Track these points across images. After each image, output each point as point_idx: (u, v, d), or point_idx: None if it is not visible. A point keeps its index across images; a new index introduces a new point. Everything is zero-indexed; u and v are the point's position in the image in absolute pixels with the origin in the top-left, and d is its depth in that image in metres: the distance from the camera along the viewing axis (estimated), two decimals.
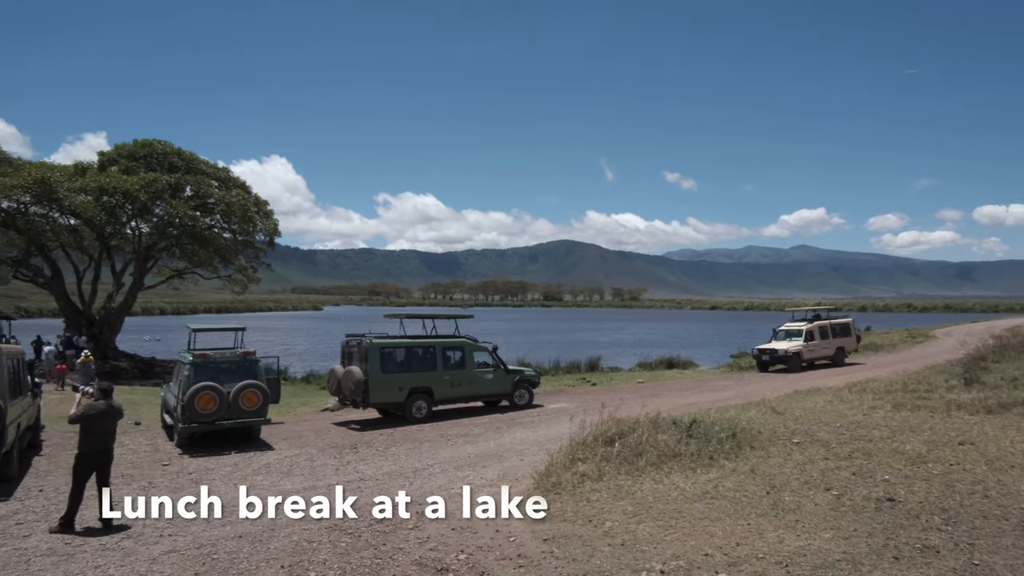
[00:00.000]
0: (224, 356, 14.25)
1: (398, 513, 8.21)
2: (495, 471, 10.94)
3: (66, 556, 7.04)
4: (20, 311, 57.86)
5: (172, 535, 7.70)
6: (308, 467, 11.63)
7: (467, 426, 15.95)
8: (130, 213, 28.86)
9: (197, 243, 29.91)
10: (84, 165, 30.88)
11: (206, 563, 6.72)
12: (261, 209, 32.58)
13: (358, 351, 16.85)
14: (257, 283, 36.94)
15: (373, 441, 14.15)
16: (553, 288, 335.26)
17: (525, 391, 19.09)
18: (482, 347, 18.60)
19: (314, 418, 17.99)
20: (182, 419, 13.12)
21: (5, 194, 25.76)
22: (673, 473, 8.94)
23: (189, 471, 11.37)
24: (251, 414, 13.56)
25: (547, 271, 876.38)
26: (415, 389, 16.85)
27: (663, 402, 18.17)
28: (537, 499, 8.38)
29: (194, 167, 31.40)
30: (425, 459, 12.17)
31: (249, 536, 7.55)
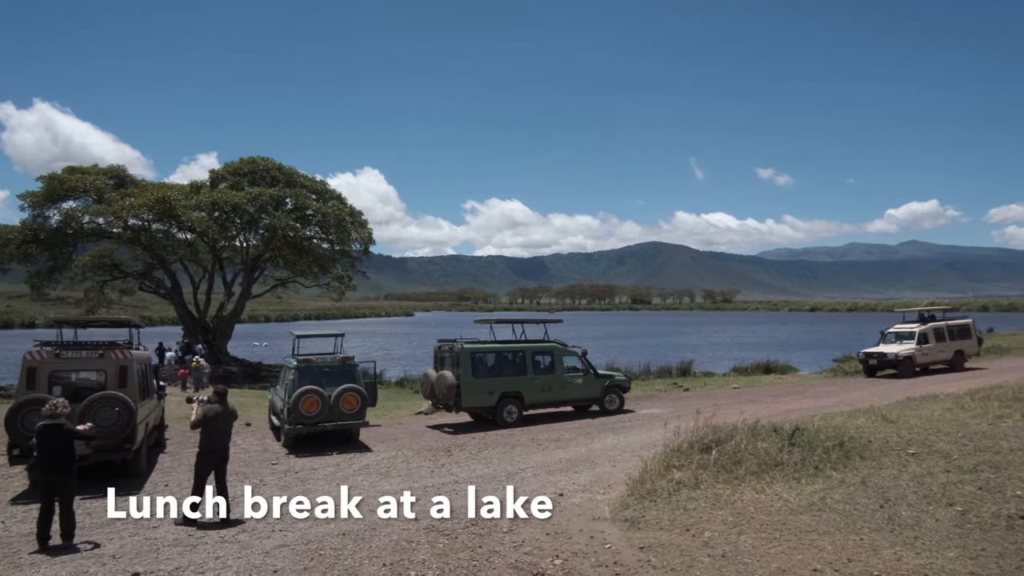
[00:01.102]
0: (325, 361, 14.93)
1: (480, 514, 8.33)
2: (587, 476, 10.87)
3: (190, 547, 7.59)
4: (145, 320, 63.03)
5: (282, 530, 8.14)
6: (404, 469, 11.98)
7: (558, 431, 15.94)
8: (239, 226, 30.85)
9: (298, 253, 31.54)
10: (198, 183, 33.32)
11: (314, 558, 7.06)
12: (356, 219, 33.95)
13: (450, 356, 17.21)
14: (353, 290, 38.40)
15: (466, 445, 14.40)
16: (641, 291, 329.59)
17: (616, 396, 18.86)
18: (572, 351, 18.55)
19: (409, 421, 18.52)
20: (288, 421, 13.85)
21: (132, 213, 28.15)
22: (775, 483, 8.55)
23: (295, 470, 11.98)
24: (351, 417, 14.12)
25: (635, 274, 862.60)
26: (506, 393, 17.02)
27: (761, 408, 17.45)
28: (632, 506, 8.27)
29: (294, 181, 33.17)
30: (517, 463, 12.25)
31: (352, 534, 7.86)
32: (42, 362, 10.92)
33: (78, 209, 28.97)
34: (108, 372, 11.16)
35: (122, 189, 30.20)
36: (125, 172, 32.09)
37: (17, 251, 28.23)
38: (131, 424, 10.62)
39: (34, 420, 9.60)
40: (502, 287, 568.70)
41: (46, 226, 28.75)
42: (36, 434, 7.80)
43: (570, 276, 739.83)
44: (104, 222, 28.93)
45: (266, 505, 9.22)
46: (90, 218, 28.82)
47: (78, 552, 7.46)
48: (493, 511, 8.73)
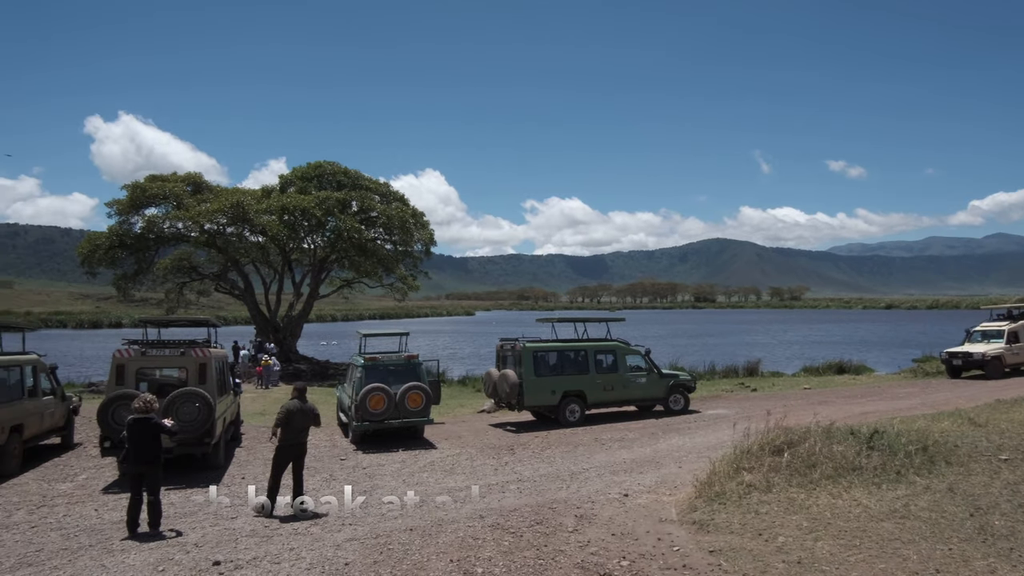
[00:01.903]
0: (391, 359, 15.23)
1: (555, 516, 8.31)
2: (652, 477, 10.70)
3: (266, 537, 7.88)
4: (220, 319, 66.01)
5: (352, 524, 8.35)
6: (469, 466, 12.09)
7: (621, 431, 15.75)
8: (306, 229, 31.89)
9: (363, 254, 32.32)
10: (268, 188, 34.64)
11: (383, 552, 7.20)
12: (418, 220, 34.55)
13: (512, 355, 17.27)
14: (416, 290, 39.07)
15: (529, 443, 14.41)
16: (705, 289, 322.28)
17: (680, 396, 18.50)
18: (634, 350, 18.31)
19: (472, 419, 18.68)
20: (355, 418, 14.20)
21: (208, 218, 29.51)
22: (853, 488, 8.19)
23: (363, 466, 12.27)
24: (416, 414, 14.36)
25: (698, 271, 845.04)
26: (568, 392, 16.94)
27: (835, 410, 16.77)
28: (700, 508, 8.09)
29: (359, 184, 34.04)
30: (580, 463, 12.18)
31: (419, 529, 7.98)
32: (130, 360, 11.56)
33: (159, 215, 30.60)
34: (189, 369, 11.72)
35: (199, 195, 31.69)
36: (201, 179, 33.67)
37: (105, 256, 30.04)
38: (210, 419, 11.11)
39: (123, 414, 10.19)
40: (562, 286, 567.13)
41: (131, 232, 30.49)
42: (126, 427, 8.26)
43: (631, 274, 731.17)
44: (183, 227, 30.44)
45: (336, 499, 9.50)
46: (170, 223, 30.39)
47: (164, 539, 7.86)
48: (557, 509, 8.73)
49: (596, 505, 8.95)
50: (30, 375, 12.80)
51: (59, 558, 7.26)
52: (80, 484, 11.01)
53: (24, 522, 8.71)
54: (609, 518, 8.28)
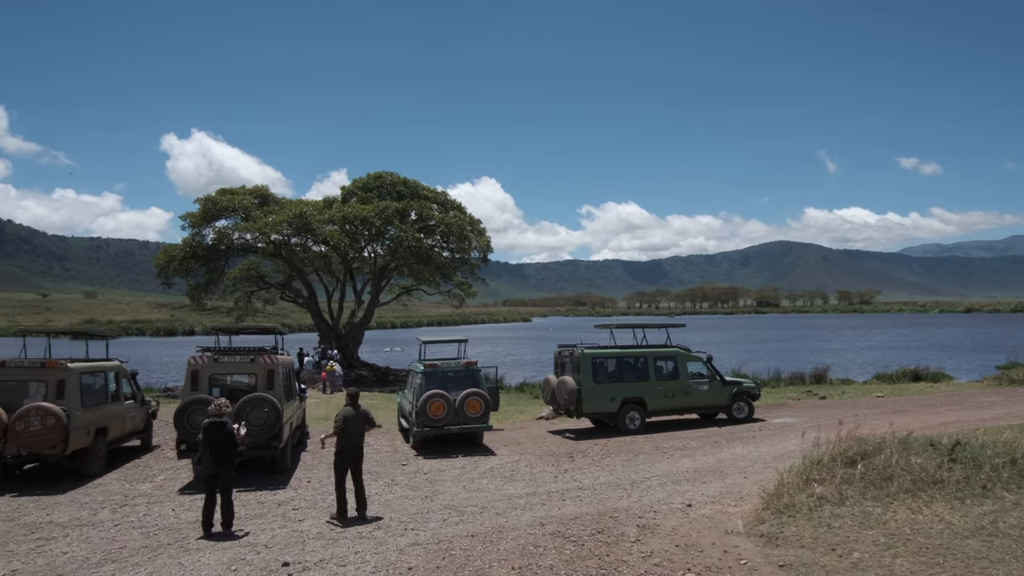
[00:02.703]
0: (450, 365, 15.39)
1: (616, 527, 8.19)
2: (716, 487, 10.42)
3: (331, 540, 8.07)
4: (285, 327, 68.33)
5: (414, 529, 8.45)
6: (528, 473, 12.07)
7: (683, 439, 15.43)
8: (367, 238, 32.66)
9: (421, 262, 32.85)
10: (331, 199, 35.64)
11: (445, 557, 7.26)
12: (475, 228, 34.88)
13: (570, 361, 17.17)
14: (473, 297, 39.42)
15: (588, 451, 14.29)
16: (768, 293, 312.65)
17: (744, 404, 17.99)
18: (696, 357, 17.93)
19: (530, 425, 18.67)
20: (416, 423, 14.40)
21: (274, 229, 30.60)
22: (934, 502, 7.76)
23: (424, 471, 12.42)
24: (475, 420, 14.44)
25: (760, 275, 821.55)
26: (627, 399, 16.72)
27: (911, 419, 15.97)
28: (768, 520, 7.83)
29: (417, 193, 34.65)
30: (642, 471, 11.98)
31: (480, 536, 8.01)
32: (203, 366, 12.08)
33: (229, 227, 31.93)
34: (258, 375, 12.15)
35: (265, 207, 32.92)
36: (268, 191, 34.96)
37: (180, 267, 31.57)
38: (278, 424, 11.48)
39: (198, 418, 10.65)
40: (619, 291, 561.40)
41: (203, 243, 31.93)
42: (201, 431, 8.62)
43: (690, 279, 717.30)
44: (250, 238, 31.66)
45: (398, 504, 9.65)
46: (239, 235, 31.67)
47: (236, 539, 8.15)
48: (619, 519, 8.61)
49: (659, 515, 8.79)
50: (113, 381, 13.54)
51: (140, 555, 7.62)
52: (158, 485, 11.55)
53: (108, 520, 9.19)
54: (672, 528, 8.11)
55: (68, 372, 11.74)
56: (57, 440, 11.05)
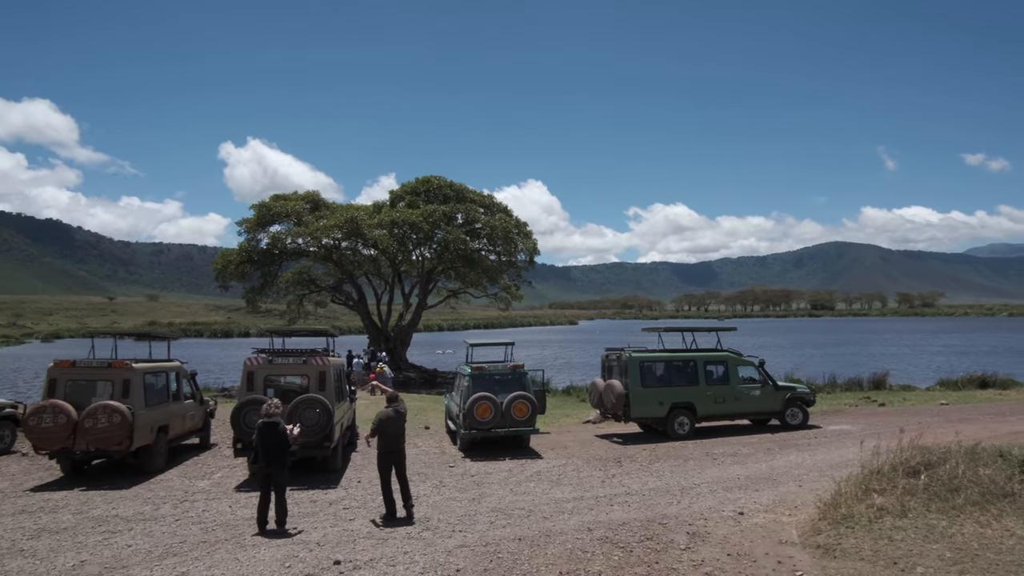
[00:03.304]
0: (497, 368, 15.44)
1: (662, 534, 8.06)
2: (770, 496, 10.15)
3: (381, 540, 8.19)
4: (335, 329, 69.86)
5: (462, 531, 8.50)
6: (575, 477, 12.00)
7: (734, 445, 15.10)
8: (415, 241, 33.12)
9: (468, 265, 33.12)
10: (380, 203, 36.29)
11: (493, 560, 7.28)
12: (521, 231, 34.96)
13: (618, 365, 17.01)
14: (519, 300, 39.51)
15: (636, 456, 14.12)
16: (822, 296, 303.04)
17: (798, 410, 17.48)
18: (747, 361, 17.52)
19: (577, 429, 18.56)
20: (463, 425, 14.49)
21: (325, 234, 31.35)
22: (1004, 516, 7.37)
23: (471, 473, 12.49)
24: (522, 423, 14.44)
25: (814, 277, 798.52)
26: (676, 404, 16.45)
27: (978, 429, 15.23)
28: (825, 531, 7.58)
29: (464, 197, 34.95)
30: (691, 477, 11.77)
31: (528, 539, 8.00)
32: (258, 367, 12.43)
33: (282, 232, 32.86)
34: (310, 377, 12.44)
35: (316, 212, 33.73)
36: (319, 197, 35.82)
37: (236, 270, 32.64)
38: (329, 424, 11.72)
39: (254, 418, 10.96)
40: (667, 294, 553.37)
41: (258, 248, 32.95)
42: (256, 430, 8.87)
43: (741, 281, 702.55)
44: (303, 242, 32.52)
45: (446, 506, 9.73)
46: (291, 239, 32.56)
47: (289, 537, 8.35)
48: (668, 525, 8.47)
49: (709, 523, 8.61)
50: (174, 380, 14.08)
51: (199, 550, 7.89)
52: (216, 482, 11.94)
53: (169, 515, 9.55)
54: (724, 537, 7.94)
55: (133, 372, 12.26)
56: (123, 437, 11.54)
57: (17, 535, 8.52)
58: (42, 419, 11.39)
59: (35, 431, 11.40)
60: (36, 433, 11.40)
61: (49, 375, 12.25)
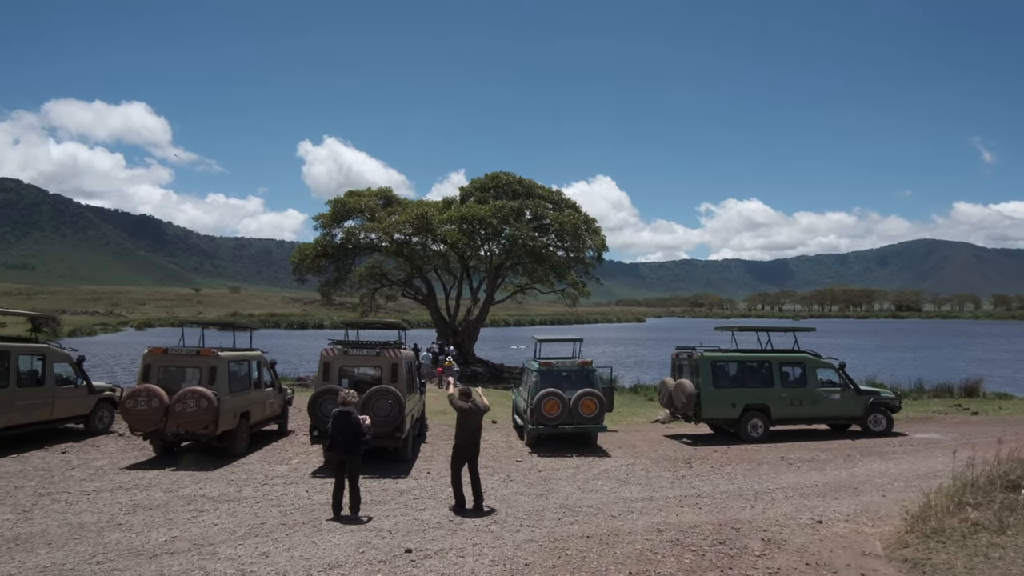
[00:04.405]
0: (565, 365, 15.39)
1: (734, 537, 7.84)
2: (850, 505, 9.71)
3: (450, 531, 8.32)
4: (405, 322, 71.35)
5: (530, 526, 8.53)
6: (644, 477, 11.83)
7: (811, 450, 14.52)
8: (483, 237, 33.41)
9: (536, 261, 33.13)
10: (449, 199, 36.78)
11: (561, 556, 7.27)
12: (590, 227, 34.70)
13: (689, 364, 16.64)
14: (587, 296, 39.24)
15: (707, 457, 13.79)
16: (908, 296, 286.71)
17: (882, 416, 16.63)
18: (827, 363, 16.79)
19: (645, 428, 18.29)
20: (531, 421, 14.52)
21: (397, 229, 32.04)
22: None
23: (539, 469, 12.51)
24: (589, 421, 14.35)
25: (900, 276, 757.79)
26: (750, 406, 15.95)
27: None
28: (912, 545, 7.18)
29: (533, 192, 34.98)
30: (765, 482, 11.40)
31: (596, 537, 7.95)
32: (334, 358, 12.86)
33: (356, 227, 33.80)
34: (383, 368, 12.77)
35: (389, 208, 34.53)
36: (391, 193, 36.63)
37: (312, 264, 33.85)
38: (401, 415, 12.00)
39: (329, 407, 11.35)
40: (739, 292, 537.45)
41: (333, 243, 34.02)
42: (332, 419, 9.17)
43: (818, 280, 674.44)
44: (375, 237, 33.34)
45: (514, 500, 9.78)
46: (364, 234, 33.44)
47: (362, 524, 8.60)
48: (741, 530, 8.24)
49: (785, 530, 8.32)
50: (256, 369, 14.73)
51: (278, 532, 8.23)
52: (294, 467, 12.42)
53: (251, 497, 10.01)
54: (801, 545, 7.65)
55: (219, 360, 12.91)
56: (209, 421, 12.18)
57: (115, 510, 9.13)
58: (137, 402, 12.16)
59: (131, 413, 12.18)
60: (132, 415, 12.19)
61: (144, 361, 13.06)
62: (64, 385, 14.55)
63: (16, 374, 13.29)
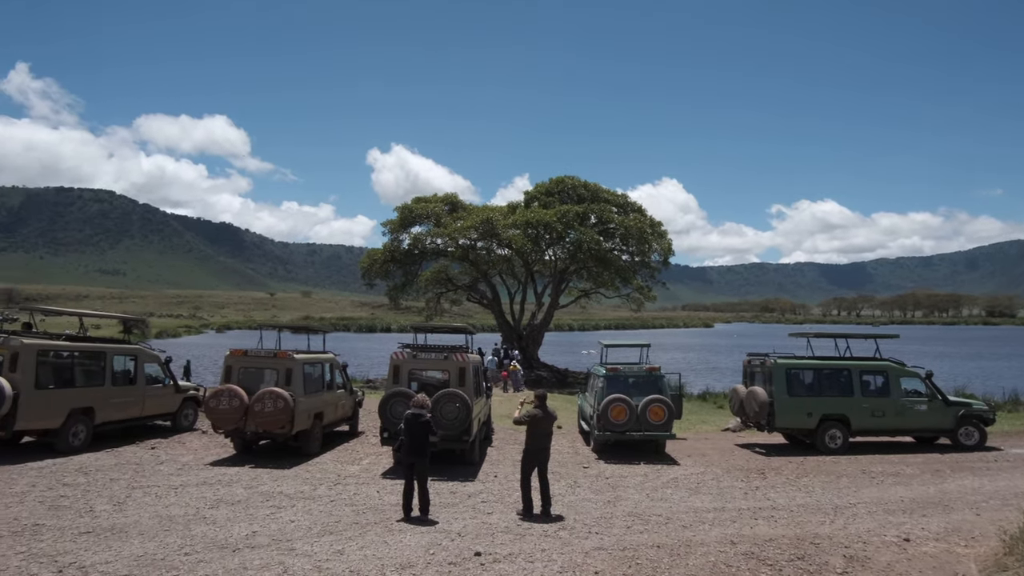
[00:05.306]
0: (632, 370, 15.18)
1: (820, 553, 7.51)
2: (940, 523, 9.16)
3: (519, 536, 8.32)
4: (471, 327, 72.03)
5: (599, 533, 8.44)
6: (715, 487, 11.52)
7: (895, 464, 13.79)
8: (548, 241, 33.40)
9: (601, 265, 32.88)
10: (514, 204, 36.97)
11: (631, 566, 7.15)
12: (656, 230, 34.17)
13: (761, 371, 16.11)
14: (652, 301, 38.63)
15: (782, 468, 13.30)
16: (1000, 301, 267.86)
17: (974, 429, 15.62)
18: (912, 372, 15.92)
19: (715, 437, 17.82)
20: (597, 427, 14.39)
21: (462, 234, 32.46)
22: None
23: (606, 476, 12.37)
24: (657, 428, 14.10)
25: (991, 280, 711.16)
26: (828, 416, 15.29)
27: None
28: (1012, 568, 6.71)
29: (598, 196, 34.74)
30: (845, 496, 10.89)
31: (667, 547, 7.79)
32: (404, 361, 13.12)
33: (423, 233, 34.46)
34: (450, 372, 12.93)
35: (454, 213, 35.02)
36: (456, 199, 37.15)
37: (380, 269, 34.69)
38: (468, 418, 12.12)
39: (399, 409, 11.59)
40: (813, 297, 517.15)
41: (400, 248, 34.77)
42: (403, 421, 9.35)
43: (899, 284, 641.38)
44: (441, 243, 33.90)
45: (581, 506, 9.69)
46: (431, 240, 34.05)
47: (432, 525, 8.72)
48: (821, 546, 7.90)
49: (869, 547, 7.93)
50: (328, 371, 15.20)
51: (352, 530, 8.45)
52: (365, 467, 12.73)
53: (325, 496, 10.32)
54: (887, 564, 7.27)
55: (294, 362, 13.39)
56: (285, 421, 12.65)
57: (200, 504, 9.59)
58: (220, 401, 12.75)
59: (214, 412, 12.78)
60: (215, 413, 12.79)
61: (226, 362, 13.69)
62: (153, 384, 15.43)
63: (111, 374, 14.18)
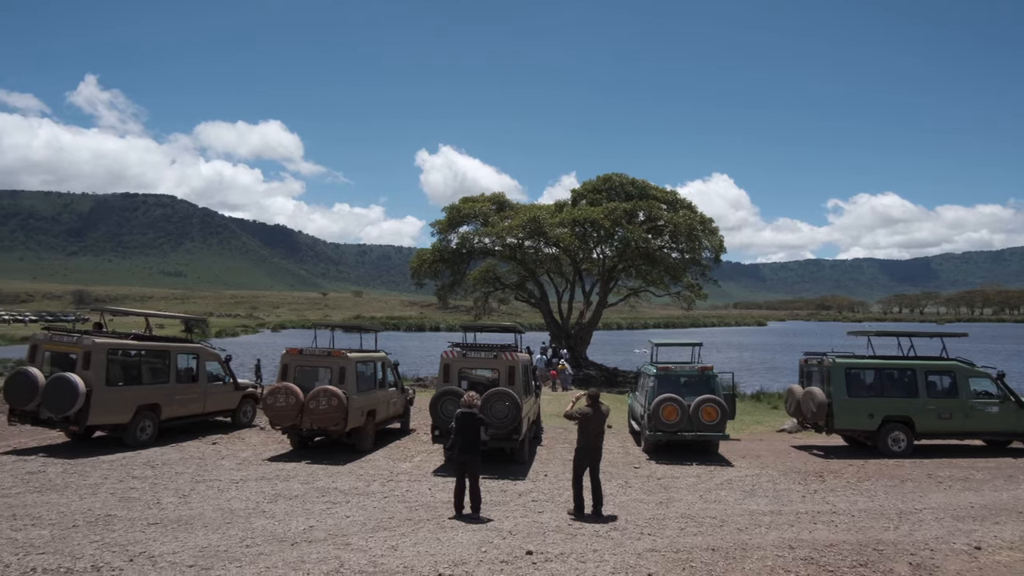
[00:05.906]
0: (684, 370, 14.94)
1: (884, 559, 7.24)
2: (1015, 531, 8.71)
3: (570, 535, 8.30)
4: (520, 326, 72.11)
5: (651, 535, 8.34)
6: (771, 489, 11.24)
7: (964, 468, 13.17)
8: (596, 239, 33.15)
9: (650, 263, 32.43)
10: (561, 203, 36.83)
11: (685, 568, 7.04)
12: (706, 227, 33.48)
13: (819, 371, 15.63)
14: (703, 299, 37.92)
15: (841, 471, 12.87)
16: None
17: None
18: (982, 372, 15.19)
19: (770, 438, 17.39)
20: (648, 427, 14.21)
21: (509, 233, 32.52)
22: None
23: (657, 476, 12.22)
24: (710, 428, 13.84)
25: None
26: (890, 417, 14.73)
27: None
28: None
29: (646, 193, 34.28)
30: (911, 501, 10.47)
31: (722, 550, 7.64)
32: (454, 360, 13.24)
33: (470, 232, 34.68)
34: (500, 371, 12.98)
35: (501, 213, 35.11)
36: (504, 198, 37.24)
37: (429, 269, 35.08)
38: (518, 417, 12.15)
39: (449, 408, 11.71)
40: (873, 294, 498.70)
41: (449, 248, 35.08)
42: (455, 419, 9.43)
43: (966, 280, 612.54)
44: (488, 242, 34.03)
45: (633, 507, 9.59)
46: (478, 239, 34.23)
47: (484, 523, 8.78)
48: (885, 553, 7.62)
49: (937, 555, 7.61)
50: (380, 369, 15.47)
51: (405, 527, 8.58)
52: (416, 465, 12.91)
53: (378, 492, 10.50)
54: (956, 573, 6.97)
55: (348, 361, 13.68)
56: (339, 418, 12.93)
57: (260, 498, 9.90)
58: (277, 399, 13.12)
59: (271, 409, 13.16)
60: (272, 410, 13.17)
61: (282, 361, 14.08)
62: (214, 382, 15.99)
63: (175, 371, 14.77)
